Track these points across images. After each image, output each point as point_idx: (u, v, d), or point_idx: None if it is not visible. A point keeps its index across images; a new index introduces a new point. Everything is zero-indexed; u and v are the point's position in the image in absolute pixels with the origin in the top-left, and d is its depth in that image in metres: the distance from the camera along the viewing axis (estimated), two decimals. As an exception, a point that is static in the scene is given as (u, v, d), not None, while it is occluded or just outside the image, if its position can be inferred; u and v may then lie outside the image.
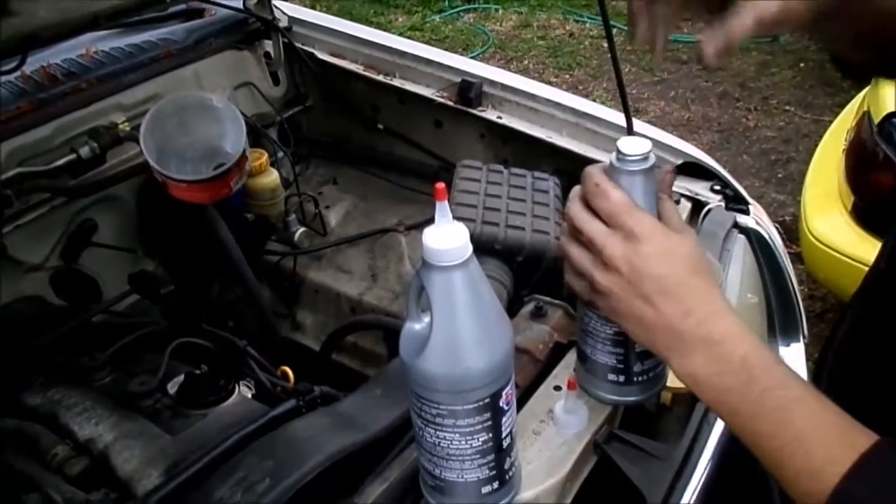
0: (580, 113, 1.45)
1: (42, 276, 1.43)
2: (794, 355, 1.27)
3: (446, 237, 0.66)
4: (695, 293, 0.69)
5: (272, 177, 1.52)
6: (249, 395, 1.19)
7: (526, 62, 5.11)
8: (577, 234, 0.73)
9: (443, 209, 0.66)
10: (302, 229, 1.61)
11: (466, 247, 0.67)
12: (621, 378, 0.85)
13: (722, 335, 0.67)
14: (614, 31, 0.77)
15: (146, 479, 0.97)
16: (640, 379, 0.85)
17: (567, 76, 4.90)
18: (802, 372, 1.26)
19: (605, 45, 5.26)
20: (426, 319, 0.71)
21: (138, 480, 0.97)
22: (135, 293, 1.39)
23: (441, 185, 0.65)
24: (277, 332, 1.51)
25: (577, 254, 0.73)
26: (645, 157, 0.73)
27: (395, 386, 1.02)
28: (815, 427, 0.61)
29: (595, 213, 0.71)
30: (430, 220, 0.67)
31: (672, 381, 0.94)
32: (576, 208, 0.73)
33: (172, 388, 1.13)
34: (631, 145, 0.73)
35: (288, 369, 1.25)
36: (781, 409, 0.62)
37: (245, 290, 1.41)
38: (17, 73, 1.30)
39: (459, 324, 0.68)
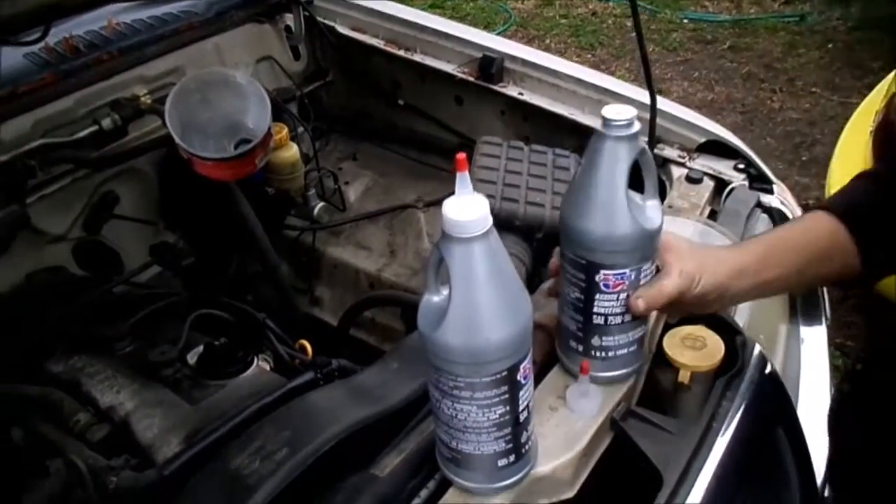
0: (603, 90, 1.43)
1: (64, 247, 1.45)
2: (816, 337, 1.26)
3: (467, 208, 0.66)
4: None
5: (292, 151, 1.52)
6: (268, 368, 1.20)
7: (548, 41, 5.05)
8: None
9: (463, 180, 0.66)
10: (321, 204, 1.61)
11: (487, 218, 0.66)
12: (580, 348, 0.88)
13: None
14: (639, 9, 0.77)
15: (166, 447, 0.98)
16: (597, 354, 0.87)
17: (589, 55, 4.84)
18: (823, 355, 1.25)
19: (629, 24, 5.21)
20: (445, 292, 0.71)
21: (158, 447, 0.98)
22: (156, 264, 1.40)
23: (462, 156, 0.64)
24: (296, 306, 1.52)
25: None
26: (629, 123, 0.75)
27: (412, 360, 1.02)
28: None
29: None
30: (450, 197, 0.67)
31: (690, 359, 0.94)
32: None
33: (192, 358, 1.14)
34: (615, 112, 0.77)
35: (306, 343, 1.26)
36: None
37: (265, 265, 1.42)
38: (41, 45, 1.31)
39: (479, 295, 0.67)
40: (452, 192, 0.66)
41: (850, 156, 2.56)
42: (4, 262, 1.30)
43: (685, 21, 5.09)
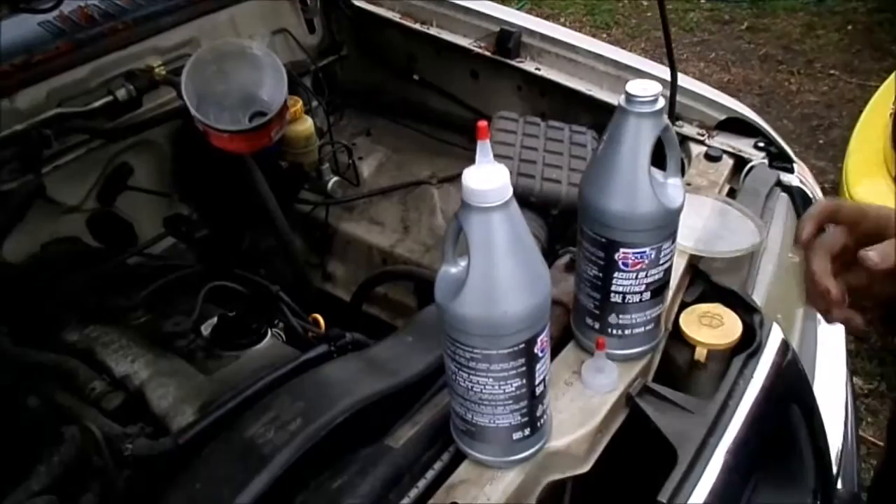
0: (621, 65, 1.41)
1: (79, 217, 1.45)
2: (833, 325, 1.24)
3: (487, 178, 0.65)
4: None
5: (307, 124, 1.51)
6: (280, 341, 1.20)
7: (562, 19, 5.00)
8: None
9: (484, 149, 0.65)
10: (335, 178, 1.60)
11: (507, 188, 0.65)
12: (596, 325, 0.87)
13: None
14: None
15: (181, 416, 0.99)
16: (613, 332, 0.87)
17: (604, 35, 4.79)
18: (840, 336, 1.24)
19: (645, 3, 5.12)
20: (463, 263, 0.70)
21: (173, 417, 0.99)
22: (170, 236, 1.40)
23: (483, 123, 0.63)
24: (309, 280, 1.52)
25: None
26: (654, 100, 0.74)
27: (426, 333, 1.02)
28: None
29: None
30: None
31: (707, 336, 0.94)
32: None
33: (206, 329, 1.15)
34: (640, 87, 0.76)
35: (319, 316, 1.26)
36: None
37: (278, 239, 1.41)
38: (55, 13, 1.30)
39: (498, 266, 0.67)
40: (467, 167, 0.65)
41: (869, 139, 2.53)
42: (20, 231, 1.30)
43: (703, 1, 5.02)
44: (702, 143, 1.31)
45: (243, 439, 0.84)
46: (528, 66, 1.51)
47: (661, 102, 0.76)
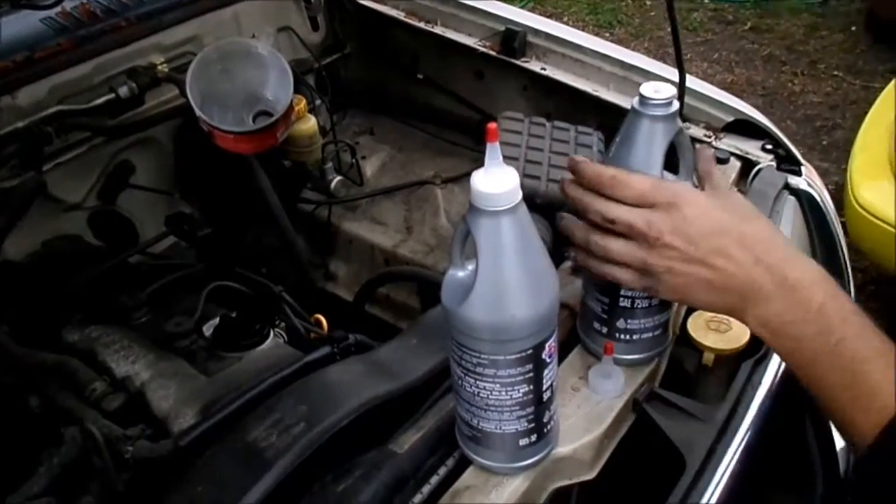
0: (628, 66, 1.40)
1: (80, 215, 1.44)
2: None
3: (496, 181, 0.64)
4: (757, 241, 0.67)
5: (310, 123, 1.50)
6: (282, 342, 1.19)
7: (565, 18, 4.99)
8: (609, 227, 0.72)
9: (493, 151, 0.64)
10: (338, 178, 1.59)
11: (516, 191, 0.64)
12: (604, 330, 0.86)
13: (797, 280, 0.65)
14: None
15: (182, 418, 0.98)
16: (621, 337, 0.86)
17: (607, 34, 4.77)
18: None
19: (649, 2, 5.10)
20: (470, 266, 0.69)
21: (174, 419, 0.98)
22: (172, 234, 1.39)
23: (493, 125, 0.62)
24: (313, 281, 1.51)
25: (619, 246, 0.72)
26: (668, 102, 0.74)
27: (431, 336, 1.01)
28: (893, 381, 0.59)
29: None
30: (467, 174, 0.66)
31: (714, 341, 0.93)
32: (599, 203, 0.72)
33: (208, 330, 1.13)
34: (654, 89, 0.75)
35: (321, 317, 1.25)
36: (858, 360, 0.60)
37: (281, 239, 1.40)
38: (57, 10, 1.29)
39: (506, 271, 0.66)
40: (471, 169, 0.65)
41: (873, 141, 2.52)
42: (21, 229, 1.29)
43: (706, 1, 5.01)
44: (709, 145, 1.30)
45: (246, 442, 0.83)
46: (534, 65, 1.50)
47: (676, 105, 0.75)
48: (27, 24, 1.28)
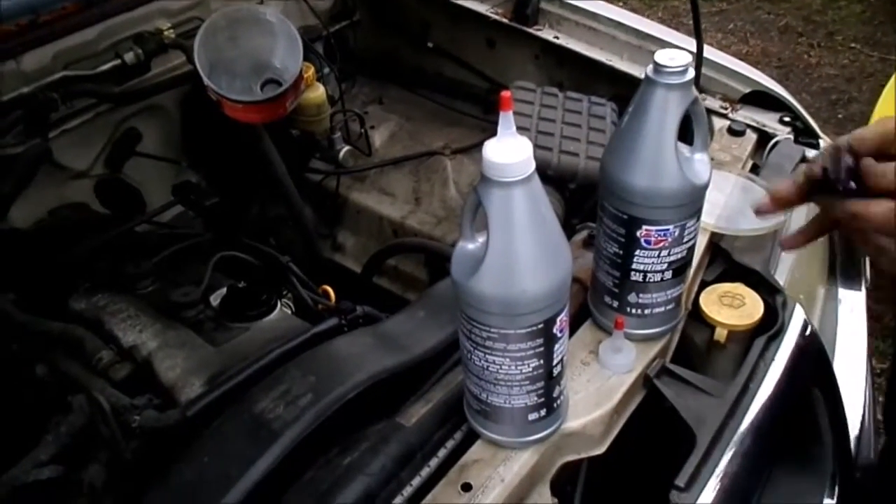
0: (644, 35, 1.37)
1: (87, 183, 1.43)
2: (855, 301, 1.22)
3: (509, 150, 0.62)
4: None
5: (318, 91, 1.48)
6: (290, 313, 1.18)
7: (578, -13, 4.90)
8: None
9: (506, 120, 0.62)
10: (347, 148, 1.57)
11: (529, 162, 0.63)
12: (615, 304, 0.85)
13: None
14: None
15: (189, 388, 0.97)
16: (633, 311, 0.84)
17: (619, 3, 4.69)
18: (862, 320, 1.21)
19: (663, -29, 4.95)
20: (481, 239, 0.68)
21: (181, 388, 0.97)
22: (179, 203, 1.38)
23: (507, 94, 0.60)
24: (320, 252, 1.49)
25: None
26: (683, 70, 0.72)
27: (439, 309, 1.00)
28: None
29: None
30: (477, 144, 0.64)
31: (727, 317, 0.91)
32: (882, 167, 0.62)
33: (215, 300, 1.13)
34: (668, 57, 0.72)
35: (329, 288, 1.24)
36: None
37: (289, 209, 1.39)
38: (62, -29, 1.26)
39: (518, 243, 0.64)
40: (481, 140, 0.63)
41: (889, 114, 2.47)
42: (27, 197, 1.28)
43: (722, -31, 4.91)
44: (725, 116, 1.27)
45: (252, 413, 0.82)
46: (547, 34, 1.47)
47: (691, 73, 0.73)
48: (31, -13, 1.26)
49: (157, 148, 1.53)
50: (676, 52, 0.73)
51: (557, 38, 1.46)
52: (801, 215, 1.13)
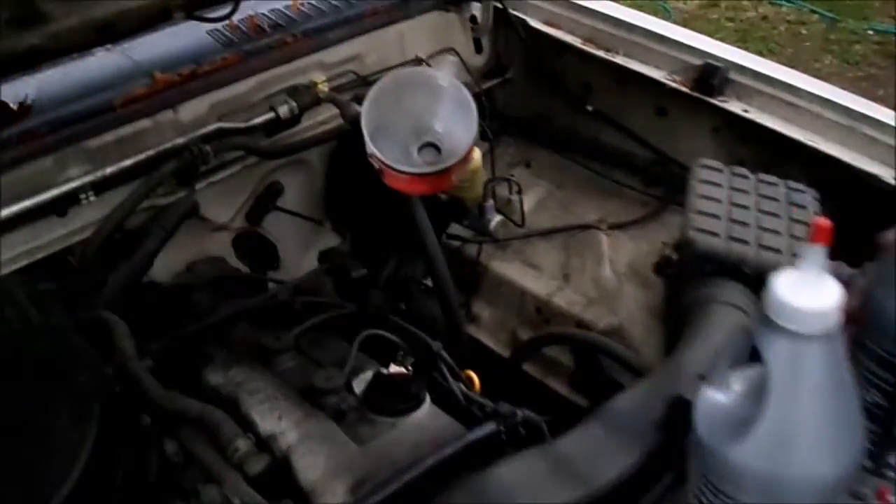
0: (857, 114, 1.19)
1: (226, 236, 1.38)
2: None
3: (813, 293, 0.47)
4: None
5: (475, 156, 1.37)
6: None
7: (711, 46, 4.70)
8: None
9: (816, 255, 0.47)
10: (499, 218, 1.45)
11: (837, 313, 0.48)
12: (871, 464, 0.68)
13: None
14: (815, 17, 0.55)
15: (330, 494, 0.87)
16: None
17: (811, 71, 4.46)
18: None
19: (804, 31, 4.73)
20: (736, 388, 0.53)
21: (321, 493, 0.88)
22: (325, 274, 1.29)
23: (825, 223, 0.46)
24: (465, 332, 1.36)
25: None
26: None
27: (620, 427, 0.85)
28: None
29: None
30: (638, 221, 0.50)
31: None
32: None
33: (358, 385, 1.02)
34: None
35: (473, 375, 1.12)
36: None
37: (435, 282, 1.28)
38: (226, 22, 1.22)
39: (806, 416, 0.49)
40: (641, 215, 0.50)
41: None
42: (167, 249, 1.23)
43: (870, 32, 4.60)
44: None
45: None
46: (734, 106, 1.31)
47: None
48: (195, 37, 1.24)
49: (298, 203, 1.47)
50: None
51: (747, 111, 1.30)
52: None
